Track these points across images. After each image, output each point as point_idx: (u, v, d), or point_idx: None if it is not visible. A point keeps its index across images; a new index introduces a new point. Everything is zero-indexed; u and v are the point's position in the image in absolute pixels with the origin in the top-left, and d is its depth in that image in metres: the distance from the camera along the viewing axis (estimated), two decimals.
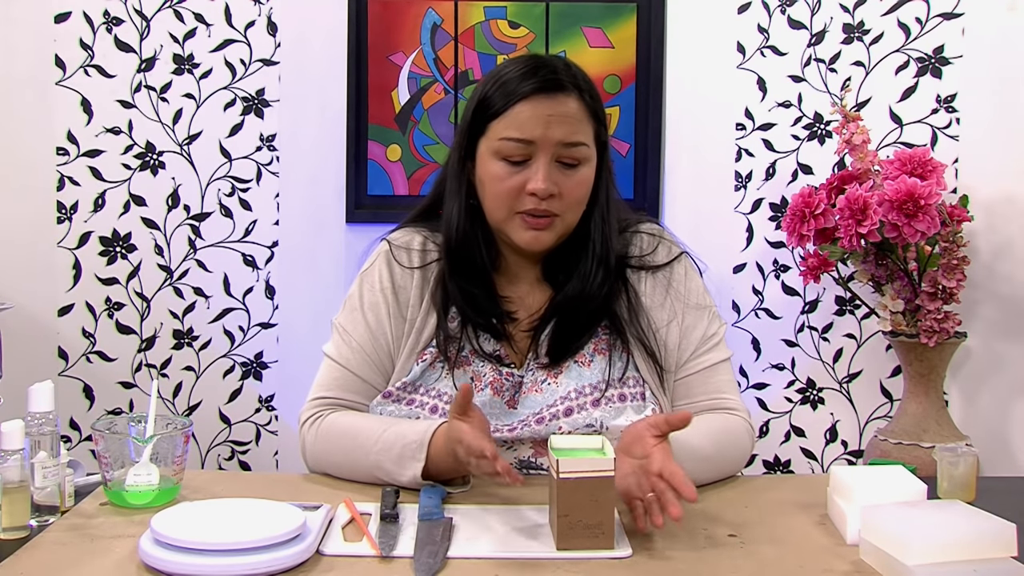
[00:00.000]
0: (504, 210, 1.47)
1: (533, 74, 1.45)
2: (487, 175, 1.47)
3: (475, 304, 1.51)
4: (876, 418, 2.46)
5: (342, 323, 1.55)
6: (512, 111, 1.44)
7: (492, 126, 1.46)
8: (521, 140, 1.44)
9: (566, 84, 1.46)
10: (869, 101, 2.41)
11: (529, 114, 1.43)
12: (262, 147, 2.47)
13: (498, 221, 1.49)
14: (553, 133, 1.43)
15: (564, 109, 1.44)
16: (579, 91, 1.47)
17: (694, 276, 1.58)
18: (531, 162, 1.44)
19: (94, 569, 1.13)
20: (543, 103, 1.44)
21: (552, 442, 1.25)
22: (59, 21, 2.44)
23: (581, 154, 1.46)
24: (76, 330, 2.48)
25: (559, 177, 1.44)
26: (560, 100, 1.44)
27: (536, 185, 1.43)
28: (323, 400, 1.52)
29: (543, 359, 1.50)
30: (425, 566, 1.12)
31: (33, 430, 1.30)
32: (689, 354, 1.53)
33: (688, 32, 2.45)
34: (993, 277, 2.39)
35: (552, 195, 1.44)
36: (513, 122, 1.44)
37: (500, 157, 1.45)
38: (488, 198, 1.49)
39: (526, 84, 1.44)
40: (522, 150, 1.44)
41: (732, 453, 1.48)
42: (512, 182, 1.45)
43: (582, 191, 1.48)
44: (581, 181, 1.47)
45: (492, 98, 1.47)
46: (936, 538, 1.09)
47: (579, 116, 1.46)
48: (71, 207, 2.46)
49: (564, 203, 1.46)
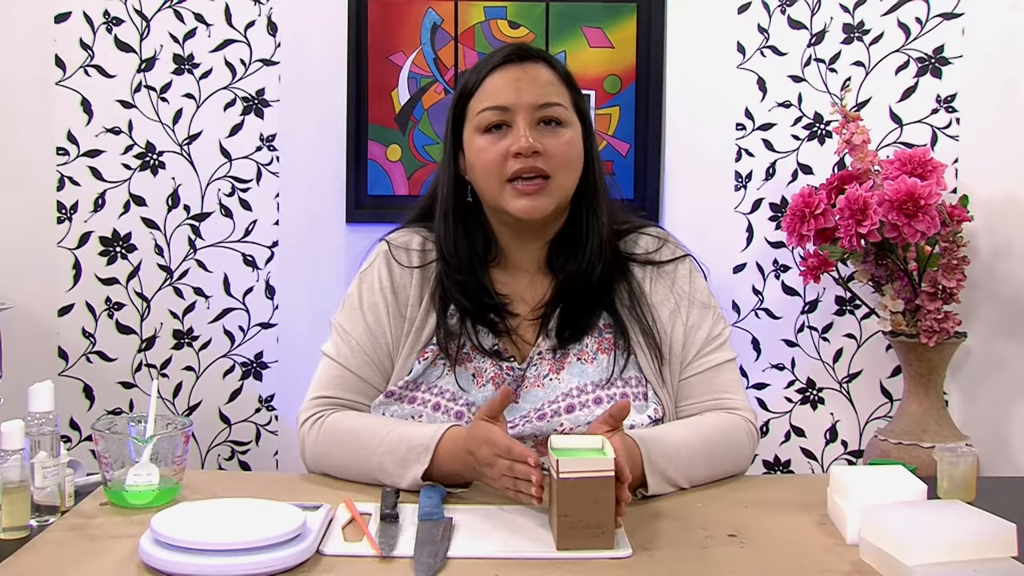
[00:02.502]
0: (495, 181, 1.48)
1: (502, 50, 1.53)
2: (473, 153, 1.50)
3: (474, 297, 1.51)
4: (876, 418, 2.46)
5: (341, 323, 1.56)
6: (484, 84, 1.50)
7: (470, 106, 1.51)
8: (496, 107, 1.48)
9: (534, 54, 1.52)
10: (869, 101, 2.41)
11: (500, 82, 1.49)
12: (262, 147, 2.47)
13: (493, 196, 1.50)
14: (526, 96, 1.48)
15: (534, 74, 1.50)
16: (547, 61, 1.53)
17: (698, 277, 1.59)
18: (512, 129, 1.48)
19: (94, 569, 1.13)
20: (512, 70, 1.49)
21: (552, 442, 1.25)
22: (59, 21, 2.44)
23: (558, 114, 1.49)
24: (76, 330, 2.48)
25: (541, 137, 1.47)
26: (528, 67, 1.50)
27: (519, 144, 1.45)
28: (322, 399, 1.52)
29: (553, 341, 1.50)
30: (425, 566, 1.12)
31: (33, 430, 1.30)
32: (694, 354, 1.54)
33: (688, 32, 2.45)
34: (993, 277, 2.39)
35: (537, 152, 1.46)
36: (487, 93, 1.49)
37: (481, 131, 1.49)
38: (479, 176, 1.50)
39: (495, 57, 1.52)
40: (500, 116, 1.48)
41: (725, 451, 1.48)
42: (496, 149, 1.47)
43: (568, 151, 1.49)
44: (566, 143, 1.49)
45: (467, 82, 1.52)
46: (936, 538, 1.09)
47: (550, 79, 1.51)
48: (71, 207, 2.46)
49: (553, 162, 1.47)
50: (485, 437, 1.28)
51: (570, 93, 1.52)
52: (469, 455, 1.31)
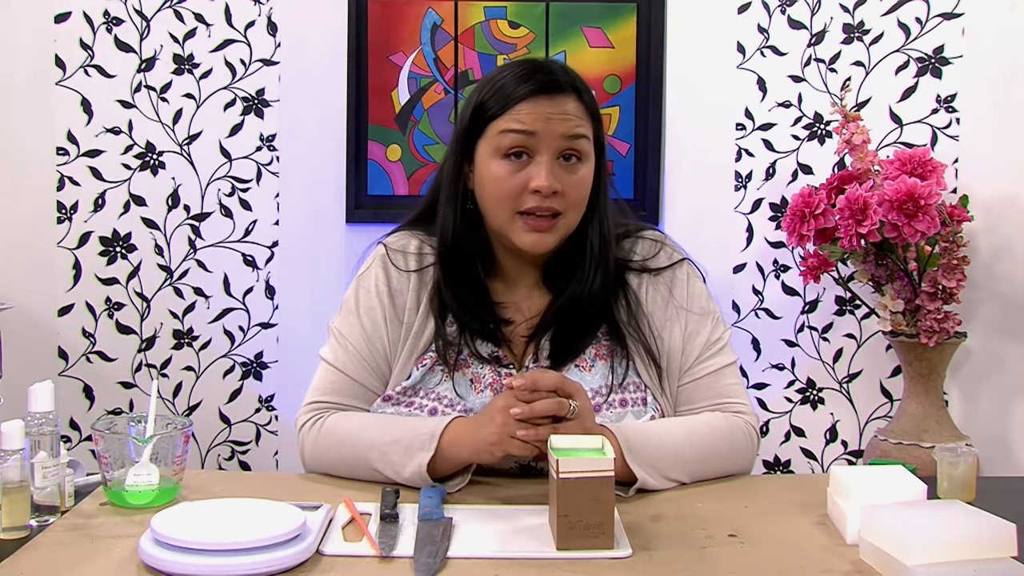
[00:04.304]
0: (507, 211, 1.46)
1: (531, 77, 1.46)
2: (488, 176, 1.47)
3: (471, 311, 1.51)
4: (876, 418, 2.46)
5: (338, 327, 1.55)
6: (511, 111, 1.45)
7: (491, 126, 1.46)
8: (523, 131, 1.43)
9: (564, 85, 1.47)
10: (869, 101, 2.41)
11: (529, 111, 1.44)
12: (262, 147, 2.47)
13: (500, 223, 1.48)
14: (555, 127, 1.44)
15: (564, 108, 1.45)
16: (577, 92, 1.48)
17: (696, 282, 1.57)
18: (533, 160, 1.44)
19: (94, 569, 1.13)
20: (542, 103, 1.44)
21: (552, 442, 1.25)
22: (59, 21, 2.44)
23: (583, 147, 1.46)
24: (76, 330, 2.48)
25: (561, 175, 1.45)
26: (559, 100, 1.45)
27: (540, 182, 1.42)
28: (320, 404, 1.52)
29: (544, 363, 1.50)
30: (425, 566, 1.12)
31: (33, 430, 1.30)
32: (693, 359, 1.53)
33: (688, 32, 2.45)
34: (993, 277, 2.38)
35: (555, 192, 1.44)
36: (514, 118, 1.44)
37: (501, 154, 1.45)
38: (489, 200, 1.48)
39: (524, 87, 1.45)
40: (524, 141, 1.44)
41: (717, 445, 1.47)
42: (514, 181, 1.44)
43: (582, 191, 1.48)
44: (581, 181, 1.47)
45: (489, 102, 1.47)
46: (936, 538, 1.09)
47: (579, 113, 1.47)
48: (71, 207, 2.46)
49: (566, 202, 1.46)
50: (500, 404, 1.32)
51: (593, 126, 1.49)
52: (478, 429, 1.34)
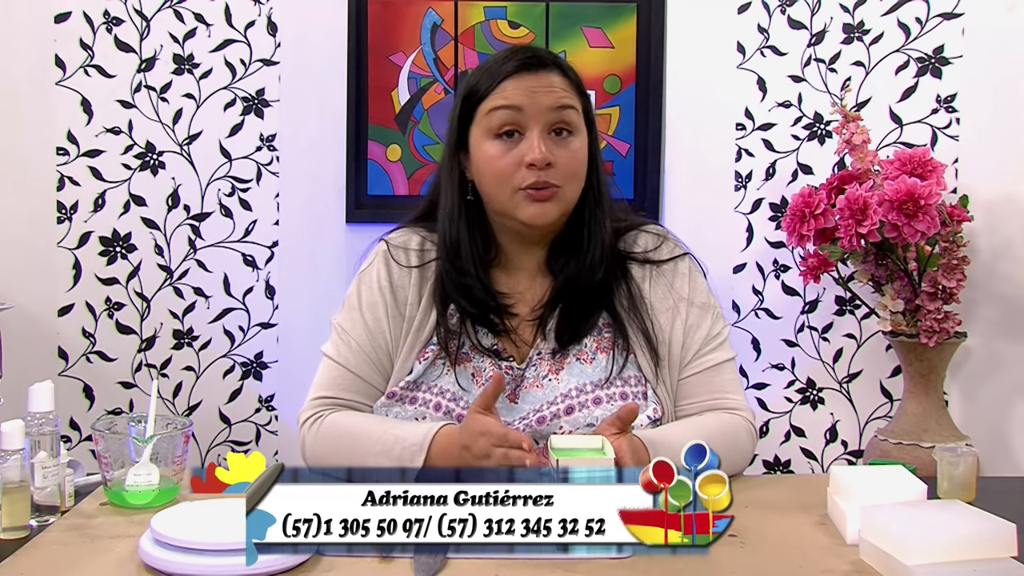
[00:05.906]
0: (506, 190, 1.48)
1: (513, 56, 1.50)
2: (483, 159, 1.49)
3: (472, 298, 1.51)
4: (876, 418, 2.46)
5: (341, 323, 1.56)
6: (498, 89, 1.48)
7: (480, 108, 1.49)
8: (510, 107, 1.46)
9: (547, 61, 1.51)
10: (869, 101, 2.41)
11: (515, 87, 1.47)
12: (262, 147, 2.47)
13: (502, 203, 1.49)
14: (541, 100, 1.47)
15: (548, 81, 1.49)
16: (560, 68, 1.52)
17: (698, 276, 1.58)
18: (524, 136, 1.47)
19: (94, 569, 1.13)
20: (527, 78, 1.48)
21: (552, 442, 1.25)
22: (59, 21, 2.44)
23: (572, 119, 1.49)
24: (76, 330, 2.48)
25: (552, 148, 1.47)
26: (543, 75, 1.49)
27: (533, 155, 1.45)
28: (323, 400, 1.52)
29: (552, 343, 1.50)
30: (425, 566, 1.12)
31: (33, 430, 1.30)
32: (693, 353, 1.54)
33: (688, 32, 2.45)
34: (993, 277, 2.38)
35: (549, 164, 1.46)
36: (500, 95, 1.48)
37: (493, 135, 1.48)
38: (487, 182, 1.50)
39: (508, 64, 1.49)
40: (512, 118, 1.46)
41: (728, 451, 1.47)
42: (509, 159, 1.47)
43: (576, 163, 1.49)
44: (574, 153, 1.49)
45: (477, 85, 1.50)
46: (936, 538, 1.09)
47: (564, 86, 1.50)
48: (71, 207, 2.46)
49: (561, 174, 1.47)
50: (481, 429, 1.29)
51: (581, 100, 1.52)
52: (464, 450, 1.32)
